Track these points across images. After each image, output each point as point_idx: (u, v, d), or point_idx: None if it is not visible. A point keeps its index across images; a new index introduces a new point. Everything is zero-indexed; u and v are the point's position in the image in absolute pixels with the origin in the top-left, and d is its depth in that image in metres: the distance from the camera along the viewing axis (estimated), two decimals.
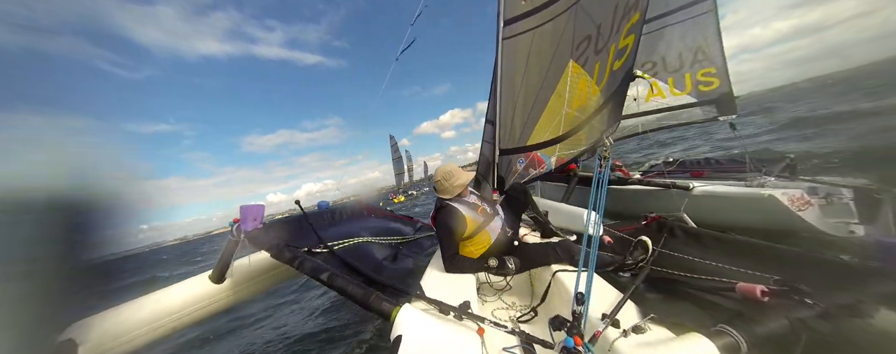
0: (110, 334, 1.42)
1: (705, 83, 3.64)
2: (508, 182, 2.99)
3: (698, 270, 1.69)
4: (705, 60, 3.63)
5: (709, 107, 3.71)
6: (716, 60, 3.56)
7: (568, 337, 0.93)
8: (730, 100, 3.54)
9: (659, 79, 3.95)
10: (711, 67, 3.59)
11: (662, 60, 3.92)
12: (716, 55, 3.55)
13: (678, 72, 3.83)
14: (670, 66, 3.88)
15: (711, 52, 3.57)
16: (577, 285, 1.19)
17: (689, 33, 3.65)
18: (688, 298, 1.39)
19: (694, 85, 3.73)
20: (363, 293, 1.30)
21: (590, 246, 1.32)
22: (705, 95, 3.70)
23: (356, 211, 3.27)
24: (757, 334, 1.00)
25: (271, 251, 1.65)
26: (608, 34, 1.89)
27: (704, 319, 1.15)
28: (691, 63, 3.72)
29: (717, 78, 3.56)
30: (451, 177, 1.93)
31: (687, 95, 3.82)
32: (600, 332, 1.03)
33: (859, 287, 1.21)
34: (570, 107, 2.26)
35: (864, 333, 1.16)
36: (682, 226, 2.40)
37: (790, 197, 2.42)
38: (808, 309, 1.09)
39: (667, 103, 3.97)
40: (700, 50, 3.64)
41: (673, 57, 3.84)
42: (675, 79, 3.84)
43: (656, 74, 3.98)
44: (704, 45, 3.60)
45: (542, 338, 1.13)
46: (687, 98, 3.83)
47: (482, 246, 1.90)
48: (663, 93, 3.92)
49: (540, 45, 2.49)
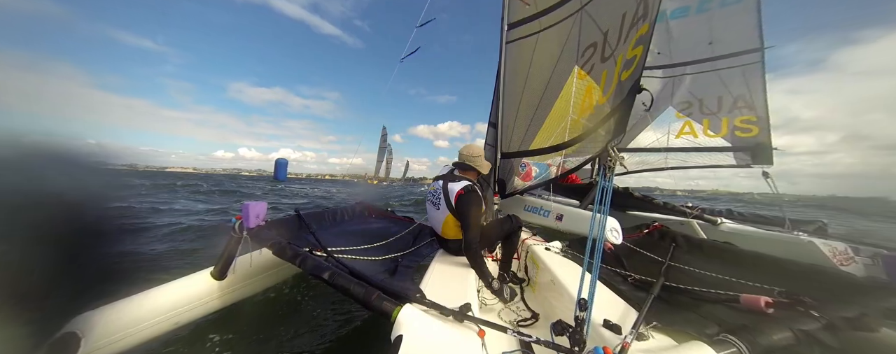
0: (112, 328, 1.43)
1: (744, 129, 3.63)
2: (509, 186, 2.99)
3: (703, 281, 1.68)
4: (746, 108, 3.64)
5: (743, 154, 3.69)
6: (759, 110, 3.58)
7: (598, 347, 0.92)
8: (767, 149, 3.51)
9: (693, 120, 3.98)
10: (753, 115, 3.60)
11: (700, 102, 3.94)
12: (759, 105, 3.57)
13: (715, 116, 3.85)
14: (707, 108, 3.90)
15: (754, 101, 3.59)
16: (579, 290, 1.19)
17: (734, 80, 3.67)
18: (692, 307, 1.38)
19: (730, 130, 3.73)
20: (364, 292, 1.30)
21: (593, 253, 1.31)
22: (742, 141, 3.68)
23: (357, 211, 3.28)
24: (760, 344, 1.00)
25: (273, 248, 1.65)
26: (616, 43, 1.90)
27: (708, 328, 1.15)
28: (730, 108, 3.73)
29: (757, 126, 3.57)
30: (474, 151, 2.09)
31: (721, 139, 3.82)
32: (629, 343, 1.01)
33: (864, 301, 1.20)
34: (575, 113, 2.26)
35: (868, 347, 1.15)
36: (686, 236, 2.39)
37: (832, 249, 2.27)
38: (813, 322, 1.09)
39: (698, 143, 3.97)
40: (741, 98, 3.64)
41: (712, 100, 3.86)
42: (712, 121, 3.86)
43: (691, 115, 4.01)
44: (747, 93, 3.61)
45: (544, 341, 1.13)
46: (720, 141, 3.82)
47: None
48: (696, 132, 3.96)
49: (544, 49, 2.50)
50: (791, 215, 3.20)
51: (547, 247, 2.38)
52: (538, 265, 2.19)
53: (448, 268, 2.00)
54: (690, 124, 4.00)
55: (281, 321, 2.54)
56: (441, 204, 2.05)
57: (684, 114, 4.04)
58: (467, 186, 1.96)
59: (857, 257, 2.27)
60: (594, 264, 1.25)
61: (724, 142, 3.81)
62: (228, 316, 2.55)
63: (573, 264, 2.07)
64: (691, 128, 3.98)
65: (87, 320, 1.33)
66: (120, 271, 1.30)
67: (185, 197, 10.17)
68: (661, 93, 4.16)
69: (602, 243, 1.33)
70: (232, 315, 2.58)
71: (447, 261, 2.14)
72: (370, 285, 1.38)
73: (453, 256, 2.31)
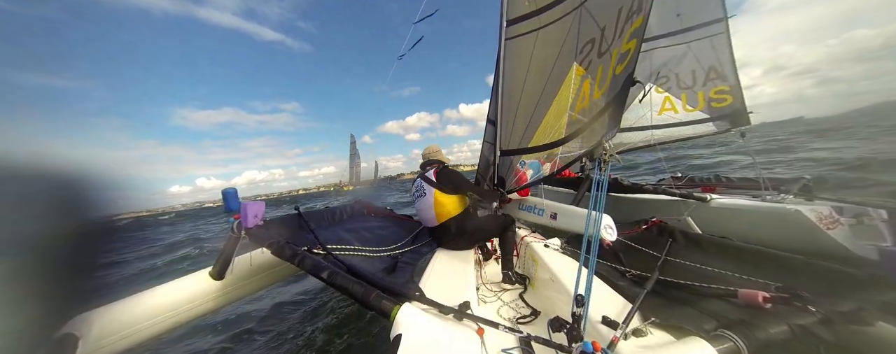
0: (111, 328, 1.43)
1: (718, 100, 3.75)
2: (508, 183, 2.99)
3: (700, 276, 1.68)
4: (718, 78, 3.72)
5: (722, 122, 3.79)
6: (729, 79, 3.66)
7: (586, 343, 0.93)
8: (743, 113, 3.64)
9: (672, 95, 4.06)
10: (725, 85, 3.69)
11: (676, 77, 4.00)
12: (729, 74, 3.66)
13: (690, 90, 3.92)
14: (683, 83, 3.97)
15: (725, 71, 3.67)
16: (576, 287, 1.19)
17: (704, 53, 3.75)
18: (689, 303, 1.39)
19: (707, 102, 3.82)
20: (364, 291, 1.30)
21: (589, 248, 1.31)
22: (718, 111, 3.79)
23: (356, 210, 3.27)
24: (758, 339, 1.00)
25: (272, 248, 1.65)
26: (612, 38, 1.89)
27: (705, 324, 1.15)
28: (704, 81, 3.81)
29: (730, 95, 3.67)
30: (433, 149, 2.66)
31: (699, 112, 3.92)
32: (618, 338, 1.03)
33: (861, 294, 1.21)
34: (573, 110, 2.25)
35: (865, 341, 1.16)
36: (683, 231, 2.39)
37: (818, 215, 2.32)
38: (810, 316, 1.09)
39: (679, 118, 4.07)
40: (712, 69, 3.74)
41: (686, 74, 3.92)
42: (688, 95, 3.95)
43: (669, 89, 4.08)
44: (718, 64, 3.69)
45: (543, 339, 1.13)
46: (699, 114, 3.93)
47: (464, 204, 2.39)
48: (676, 108, 4.03)
49: (544, 46, 2.48)
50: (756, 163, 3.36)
51: (546, 244, 2.38)
52: (537, 262, 2.20)
53: (447, 267, 2.00)
54: (670, 99, 4.08)
55: (280, 320, 2.55)
56: (426, 190, 2.33)
57: (663, 88, 4.14)
58: (439, 166, 2.38)
59: (842, 218, 2.35)
60: (591, 260, 1.25)
61: (702, 114, 3.94)
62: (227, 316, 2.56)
63: (572, 261, 2.07)
64: (672, 103, 4.07)
65: (85, 321, 1.32)
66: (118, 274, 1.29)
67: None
68: (640, 67, 4.11)
69: (598, 239, 1.33)
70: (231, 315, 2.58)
71: (446, 260, 2.14)
72: (369, 284, 1.38)
73: (452, 252, 2.31)
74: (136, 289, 1.67)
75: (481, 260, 2.56)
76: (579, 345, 0.95)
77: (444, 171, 2.34)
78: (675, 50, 3.95)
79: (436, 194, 2.28)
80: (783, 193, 2.96)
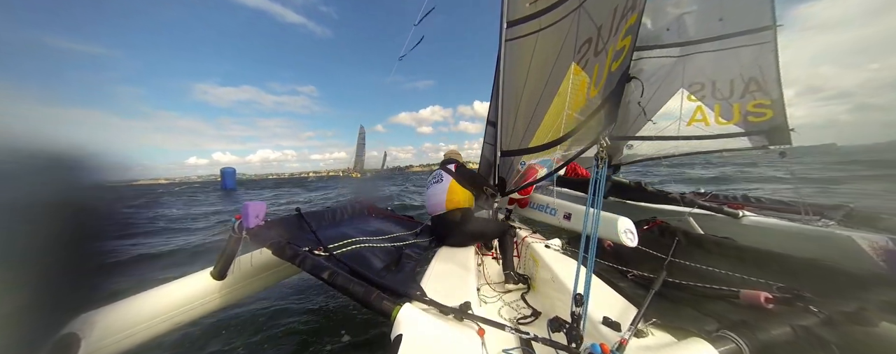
0: (112, 328, 1.43)
1: (757, 114, 3.42)
2: (509, 183, 2.99)
3: (702, 276, 1.68)
4: (759, 91, 3.39)
5: (758, 138, 3.45)
6: (772, 92, 3.34)
7: (595, 344, 0.92)
8: (783, 130, 3.30)
9: (705, 104, 3.71)
10: (765, 99, 3.36)
11: (712, 85, 3.65)
12: (772, 87, 3.34)
13: (726, 101, 3.58)
14: (719, 93, 3.62)
15: (767, 83, 3.35)
16: (575, 286, 1.19)
17: (746, 62, 3.45)
18: (691, 303, 1.38)
19: (743, 116, 3.49)
20: (364, 291, 1.30)
21: (588, 248, 1.31)
22: (755, 126, 3.44)
23: (357, 210, 3.28)
24: (760, 340, 1.00)
25: (273, 248, 1.65)
26: (607, 36, 1.89)
27: (707, 325, 1.15)
28: (742, 93, 3.48)
29: (770, 109, 3.35)
30: (455, 153, 3.03)
31: (733, 125, 3.56)
32: (627, 340, 1.02)
33: (863, 295, 1.20)
34: (570, 108, 2.25)
35: (868, 341, 1.15)
36: (685, 232, 2.39)
37: (871, 244, 2.03)
38: (812, 317, 1.09)
39: (709, 131, 3.70)
40: (753, 80, 3.41)
41: (723, 83, 3.58)
42: (723, 107, 3.61)
43: (703, 98, 3.72)
44: (760, 76, 3.37)
45: (543, 339, 1.13)
46: (733, 128, 3.57)
47: (471, 202, 2.63)
48: (707, 119, 3.70)
49: (544, 47, 2.49)
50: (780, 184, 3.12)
51: (547, 245, 2.38)
52: (538, 262, 2.19)
53: (448, 267, 2.00)
54: (702, 109, 3.71)
55: (280, 321, 2.55)
56: (444, 177, 2.63)
57: (696, 96, 3.75)
58: (457, 164, 2.76)
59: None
60: (589, 258, 1.25)
61: (736, 128, 3.53)
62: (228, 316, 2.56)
63: (572, 261, 2.07)
64: (703, 114, 3.71)
65: (87, 321, 1.33)
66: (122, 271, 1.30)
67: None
68: (672, 73, 3.90)
69: (596, 237, 1.33)
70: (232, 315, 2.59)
71: (447, 260, 2.14)
72: (370, 284, 1.38)
73: (453, 252, 2.32)
74: (139, 289, 1.68)
75: (482, 261, 2.56)
76: (587, 347, 0.94)
77: (463, 168, 2.70)
78: (713, 56, 3.60)
79: (452, 183, 2.58)
80: (824, 218, 2.65)
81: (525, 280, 2.19)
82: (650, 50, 3.93)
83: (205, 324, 2.38)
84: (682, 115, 3.82)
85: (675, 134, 3.90)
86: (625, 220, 2.22)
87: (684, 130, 3.84)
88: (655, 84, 3.93)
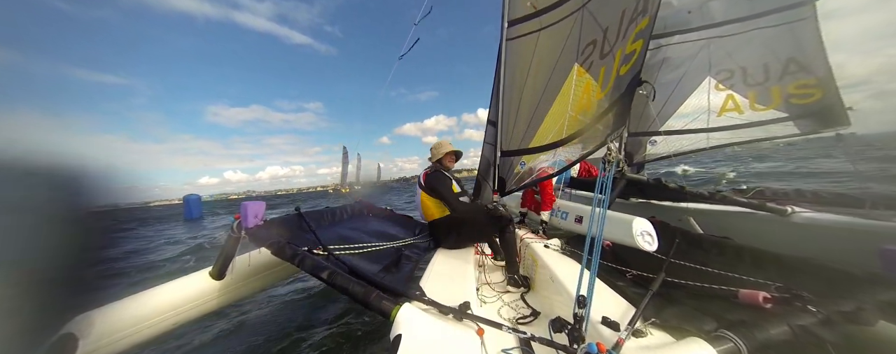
0: (111, 329, 1.42)
1: (801, 96, 3.03)
2: (509, 184, 2.98)
3: (701, 276, 1.68)
4: (801, 71, 3.00)
5: (805, 122, 3.04)
6: (817, 70, 2.95)
7: (591, 344, 0.92)
8: (838, 110, 2.89)
9: (736, 92, 3.35)
10: (810, 78, 2.98)
11: (743, 71, 3.27)
12: (817, 64, 2.94)
13: (762, 86, 3.21)
14: (752, 78, 3.24)
15: (810, 61, 2.97)
16: (578, 287, 1.19)
17: (781, 42, 3.05)
18: (689, 303, 1.39)
19: (784, 99, 3.11)
20: (364, 291, 1.30)
21: (592, 250, 1.31)
22: (801, 109, 3.04)
23: (356, 210, 3.27)
24: (757, 339, 1.00)
25: (272, 248, 1.65)
26: (615, 39, 1.89)
27: (705, 324, 1.15)
28: (781, 75, 3.09)
29: (818, 89, 2.95)
30: (437, 147, 2.63)
31: (773, 110, 3.19)
32: (624, 340, 1.02)
33: (861, 294, 1.21)
34: (573, 110, 2.25)
35: (866, 341, 1.16)
36: (683, 231, 2.39)
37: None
38: (810, 316, 1.09)
39: (744, 119, 3.32)
40: (793, 61, 3.02)
41: (757, 67, 3.20)
42: (759, 93, 3.24)
43: (733, 86, 3.35)
44: (800, 54, 3.00)
45: (543, 339, 1.13)
46: (773, 113, 3.18)
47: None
48: (741, 107, 3.33)
49: (545, 47, 2.49)
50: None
51: (546, 245, 2.39)
52: (537, 262, 2.20)
53: (447, 267, 2.00)
54: (733, 98, 3.35)
55: (280, 320, 2.55)
56: (418, 189, 2.59)
57: (725, 84, 3.38)
58: (430, 170, 2.55)
59: None
60: (593, 261, 1.25)
61: (777, 113, 3.15)
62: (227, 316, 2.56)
63: (571, 261, 2.07)
64: (735, 102, 3.34)
65: (84, 321, 1.32)
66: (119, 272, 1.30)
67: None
68: (696, 60, 3.51)
69: (600, 239, 1.33)
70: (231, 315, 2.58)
71: (446, 260, 2.14)
72: (370, 284, 1.37)
73: (452, 252, 2.32)
74: (137, 289, 1.67)
75: (482, 262, 2.56)
76: (584, 346, 0.94)
77: (430, 176, 2.52)
78: (741, 39, 3.21)
79: (422, 195, 2.53)
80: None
81: (527, 282, 2.17)
82: (670, 36, 3.61)
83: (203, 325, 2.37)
84: (709, 106, 3.44)
85: (704, 126, 3.51)
86: (641, 222, 2.03)
87: (715, 121, 3.45)
88: (678, 74, 3.63)
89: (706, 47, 3.44)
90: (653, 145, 3.99)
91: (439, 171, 2.54)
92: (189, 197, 16.92)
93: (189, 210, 16.35)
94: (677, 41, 3.59)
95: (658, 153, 3.96)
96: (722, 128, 3.46)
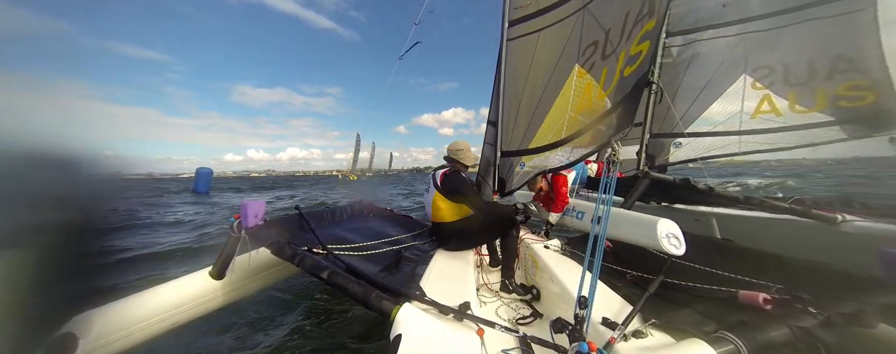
0: (111, 328, 1.42)
1: (851, 98, 2.72)
2: (509, 184, 2.98)
3: (701, 277, 1.68)
4: (852, 71, 2.69)
5: (854, 126, 2.73)
6: (871, 71, 2.62)
7: (582, 343, 0.92)
8: (893, 113, 2.61)
9: (774, 93, 3.03)
10: (862, 79, 2.66)
11: (784, 68, 2.95)
12: (872, 64, 2.62)
13: (805, 86, 2.89)
14: (794, 77, 2.91)
15: (864, 60, 2.64)
16: (580, 288, 1.19)
17: (829, 37, 2.72)
18: (689, 304, 1.39)
19: (830, 100, 2.80)
20: (364, 291, 1.30)
21: (594, 251, 1.31)
22: (849, 113, 2.72)
23: (356, 210, 3.28)
24: (757, 341, 1.00)
25: (272, 248, 1.65)
26: (617, 40, 1.88)
27: (706, 326, 1.15)
28: (828, 74, 2.77)
29: (871, 92, 2.64)
30: (465, 151, 2.43)
31: (817, 113, 2.87)
32: (615, 339, 1.03)
33: (861, 296, 1.21)
34: (573, 111, 2.25)
35: (866, 343, 1.16)
36: (684, 233, 2.38)
37: None
38: (810, 318, 1.09)
39: (783, 122, 3.00)
40: (842, 58, 2.70)
41: (799, 65, 2.87)
42: (801, 93, 2.92)
43: (772, 84, 3.03)
44: (852, 52, 2.66)
45: (542, 340, 1.13)
46: (817, 116, 2.87)
47: (462, 212, 2.37)
48: (779, 109, 3.01)
49: (545, 47, 2.49)
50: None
51: (546, 245, 2.38)
52: (537, 263, 2.19)
53: (448, 267, 2.00)
54: (770, 99, 3.03)
55: (280, 320, 2.54)
56: (430, 187, 2.40)
57: (763, 83, 3.05)
58: (449, 170, 2.36)
59: None
60: (596, 262, 1.25)
61: (823, 116, 2.82)
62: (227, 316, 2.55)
63: (572, 262, 2.07)
64: (772, 104, 3.02)
65: (85, 320, 1.32)
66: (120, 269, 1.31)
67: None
68: (732, 56, 3.20)
69: (603, 239, 1.33)
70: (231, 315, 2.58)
71: (447, 260, 2.14)
72: (370, 284, 1.37)
73: (452, 252, 2.31)
74: (137, 289, 1.67)
75: (482, 262, 2.55)
76: (575, 346, 0.94)
77: (451, 177, 2.29)
78: (783, 33, 2.90)
79: (436, 196, 2.33)
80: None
81: (527, 290, 2.08)
82: (702, 31, 3.33)
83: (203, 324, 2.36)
84: (743, 107, 3.14)
85: (736, 128, 3.19)
86: (666, 223, 1.85)
87: (748, 124, 3.14)
88: (709, 71, 3.35)
89: (742, 43, 3.12)
90: (677, 147, 3.64)
91: (459, 172, 2.36)
92: (201, 170, 16.73)
93: (198, 183, 16.41)
94: (710, 36, 3.29)
95: (683, 156, 3.61)
96: (756, 131, 3.13)
